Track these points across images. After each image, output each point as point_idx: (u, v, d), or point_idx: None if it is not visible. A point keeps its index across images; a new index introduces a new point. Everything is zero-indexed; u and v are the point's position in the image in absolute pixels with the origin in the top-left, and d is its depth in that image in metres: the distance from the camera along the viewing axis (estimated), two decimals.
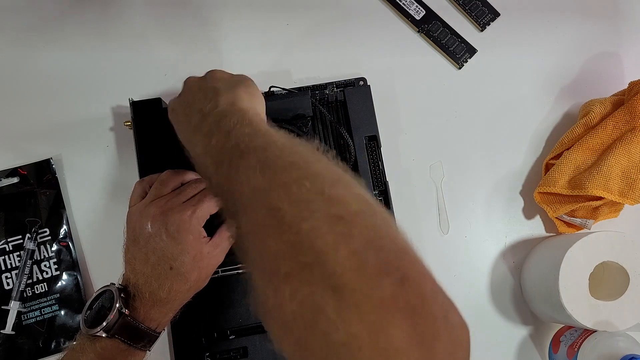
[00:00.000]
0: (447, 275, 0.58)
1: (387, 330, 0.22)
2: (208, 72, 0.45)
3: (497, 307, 0.58)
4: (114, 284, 0.45)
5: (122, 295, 0.43)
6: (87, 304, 0.44)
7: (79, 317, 0.45)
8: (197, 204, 0.45)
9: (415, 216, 0.59)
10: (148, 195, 0.47)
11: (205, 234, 0.46)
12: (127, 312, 0.43)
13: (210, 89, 0.41)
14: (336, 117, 0.56)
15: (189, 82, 0.45)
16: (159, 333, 0.45)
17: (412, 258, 0.25)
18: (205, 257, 0.45)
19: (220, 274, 0.51)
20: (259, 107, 0.42)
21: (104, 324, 0.42)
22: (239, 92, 0.40)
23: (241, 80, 0.43)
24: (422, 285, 0.24)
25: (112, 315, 0.42)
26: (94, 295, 0.45)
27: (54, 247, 0.55)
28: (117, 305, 0.42)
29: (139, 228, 0.45)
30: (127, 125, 0.54)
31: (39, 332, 0.54)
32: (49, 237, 0.55)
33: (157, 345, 0.54)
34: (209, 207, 0.45)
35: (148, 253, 0.44)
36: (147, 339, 0.44)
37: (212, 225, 0.47)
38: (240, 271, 0.52)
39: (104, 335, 0.42)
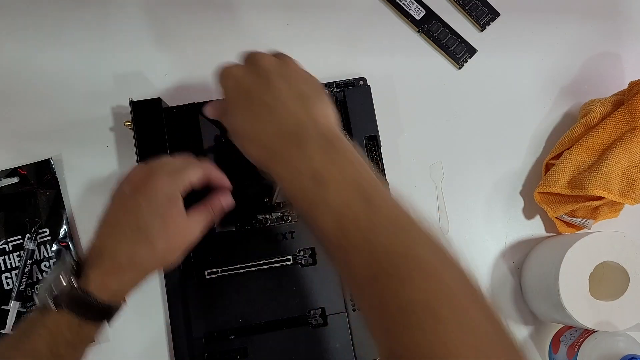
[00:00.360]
0: None
1: None
2: (284, 58, 0.44)
3: (497, 307, 0.58)
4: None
5: (74, 266, 0.41)
6: (46, 276, 0.43)
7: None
8: (179, 170, 0.44)
9: None
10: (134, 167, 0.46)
11: (182, 205, 0.44)
12: (75, 281, 0.40)
13: (298, 94, 0.41)
14: None
15: (266, 63, 0.42)
16: (114, 307, 0.42)
17: None
18: (178, 226, 0.43)
19: (220, 273, 0.51)
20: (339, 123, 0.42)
21: (55, 293, 0.40)
22: (327, 108, 0.41)
23: (320, 87, 0.43)
24: None
25: (60, 286, 0.40)
26: (54, 267, 0.43)
27: (54, 247, 0.55)
28: (65, 273, 0.40)
29: (118, 193, 0.44)
30: (127, 125, 0.54)
31: None
32: (49, 237, 0.55)
33: (156, 344, 0.54)
34: (190, 175, 0.44)
35: (119, 213, 0.43)
36: (97, 311, 0.41)
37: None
38: (240, 271, 0.52)
39: (53, 308, 0.40)
